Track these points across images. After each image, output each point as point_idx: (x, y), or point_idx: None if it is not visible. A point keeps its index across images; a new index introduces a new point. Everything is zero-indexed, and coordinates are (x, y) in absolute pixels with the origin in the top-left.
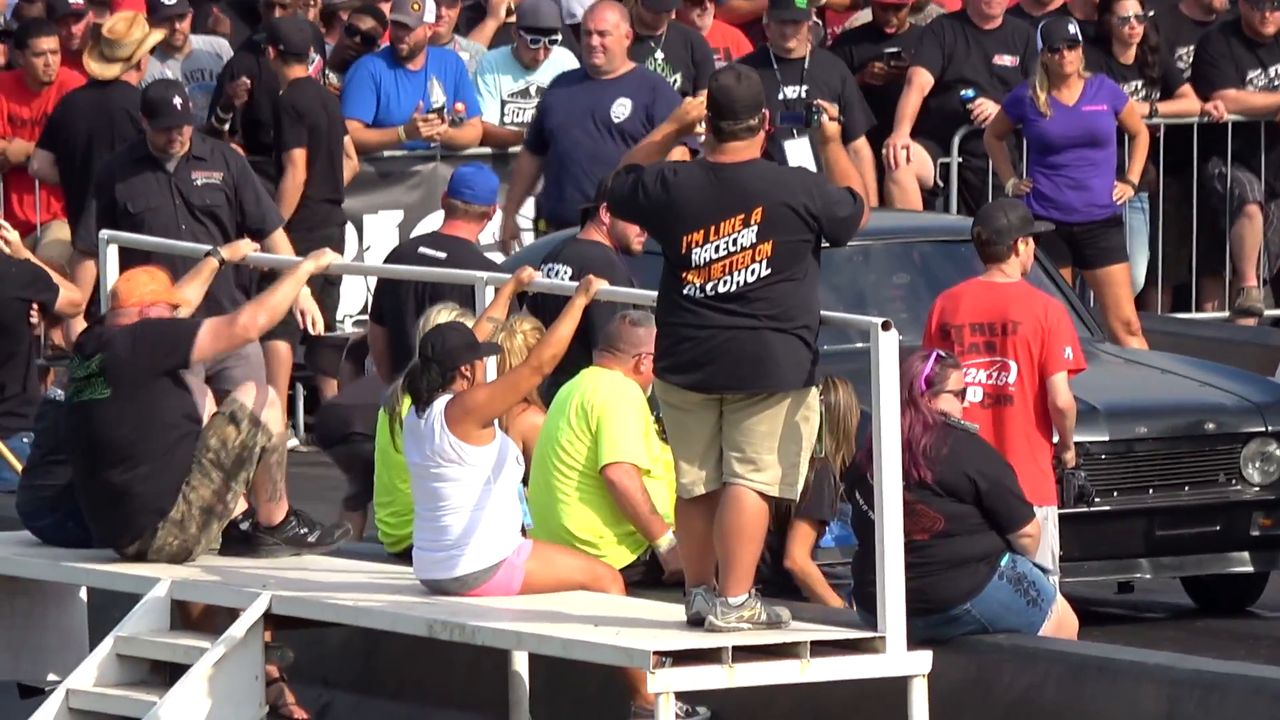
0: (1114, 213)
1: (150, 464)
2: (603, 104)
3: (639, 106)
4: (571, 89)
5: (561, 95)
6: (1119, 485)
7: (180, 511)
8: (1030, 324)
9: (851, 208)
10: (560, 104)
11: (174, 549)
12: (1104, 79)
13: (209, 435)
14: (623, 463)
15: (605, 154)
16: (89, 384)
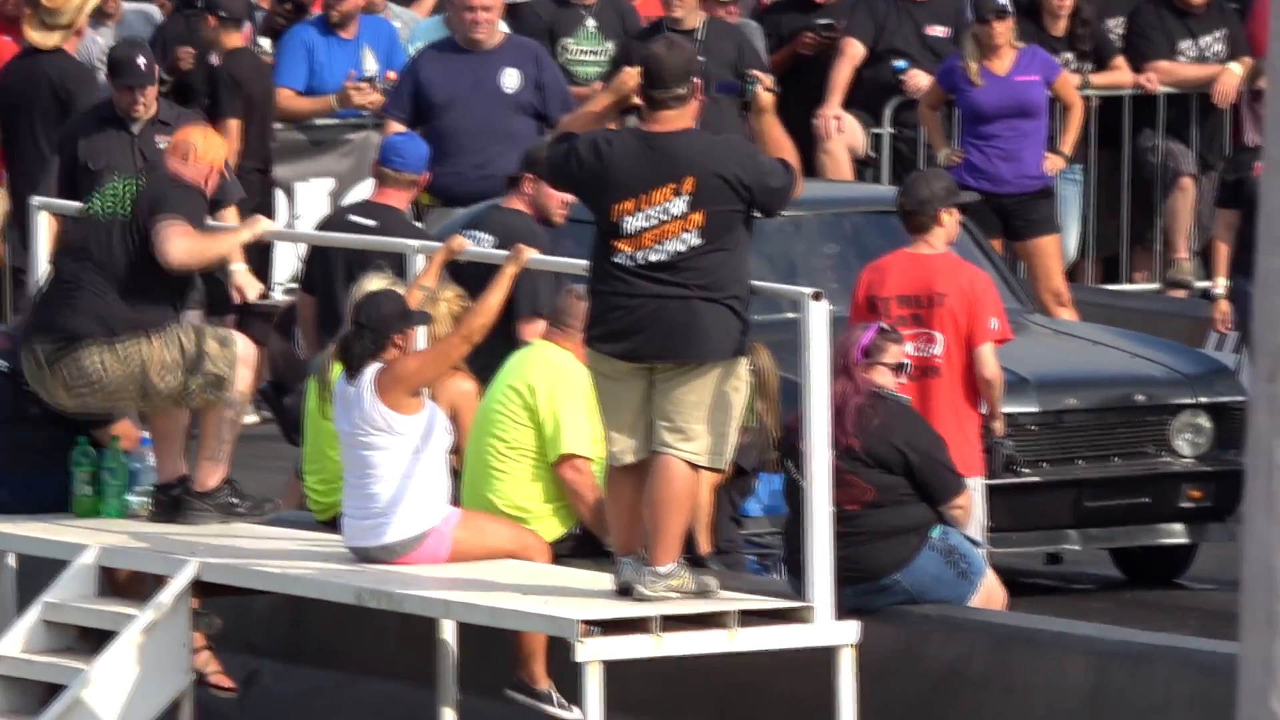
0: (1045, 184)
1: (132, 292)
2: (489, 77)
3: (527, 77)
4: (451, 62)
5: (441, 69)
6: (1048, 456)
7: (124, 351)
8: (956, 295)
9: (784, 178)
10: (442, 79)
11: (88, 380)
12: (1037, 50)
13: (201, 335)
14: (575, 457)
15: (498, 126)
16: (116, 199)
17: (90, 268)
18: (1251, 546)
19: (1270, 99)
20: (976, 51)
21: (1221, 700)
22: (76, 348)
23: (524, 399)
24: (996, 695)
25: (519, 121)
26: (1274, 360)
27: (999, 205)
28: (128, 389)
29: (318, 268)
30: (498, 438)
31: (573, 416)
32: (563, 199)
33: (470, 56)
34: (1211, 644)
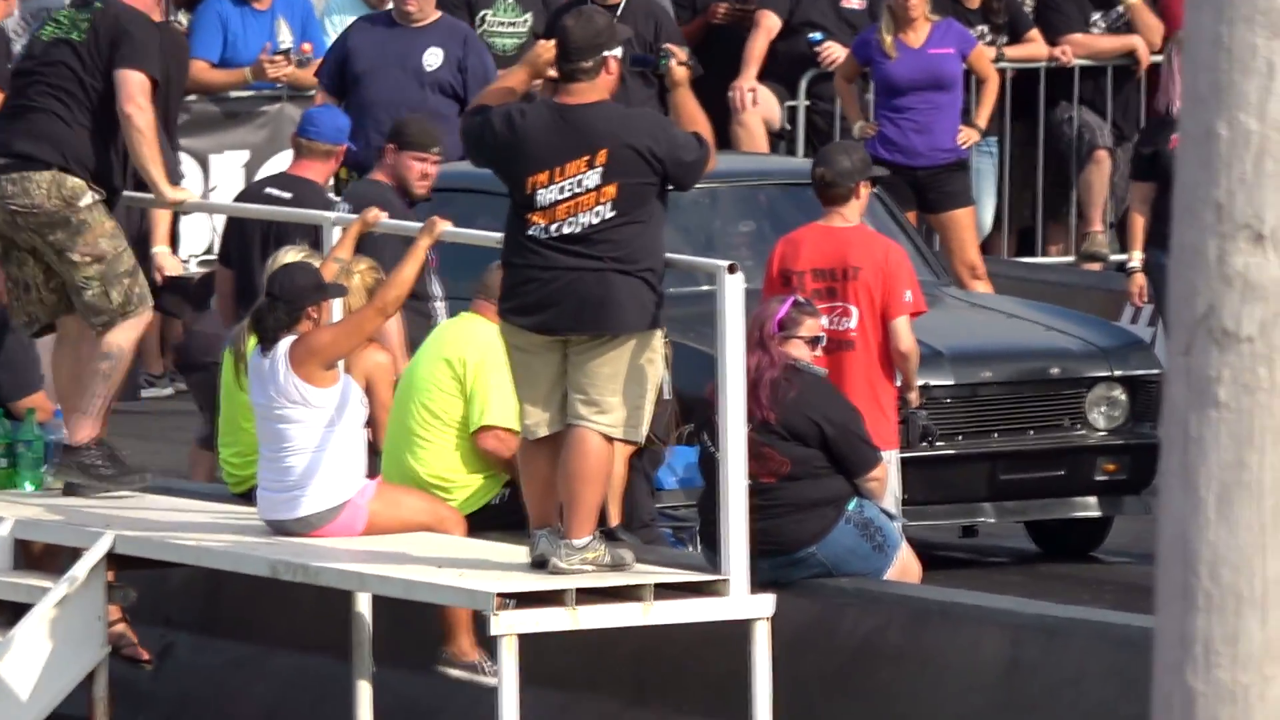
0: (959, 157)
1: (84, 121)
2: (414, 52)
3: (451, 57)
4: (379, 34)
5: (368, 40)
6: (963, 429)
7: (72, 189)
8: (870, 268)
9: (697, 152)
10: (367, 49)
11: (30, 202)
12: (952, 22)
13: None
14: (496, 428)
15: (412, 102)
16: (73, 25)
17: (45, 91)
18: (1167, 520)
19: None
20: (892, 24)
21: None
22: (25, 168)
23: (453, 369)
24: (912, 668)
25: (436, 100)
26: (1190, 333)
27: (913, 178)
28: (55, 229)
29: (235, 241)
30: (424, 406)
31: (496, 388)
32: (422, 170)
33: (399, 31)
34: (1126, 617)
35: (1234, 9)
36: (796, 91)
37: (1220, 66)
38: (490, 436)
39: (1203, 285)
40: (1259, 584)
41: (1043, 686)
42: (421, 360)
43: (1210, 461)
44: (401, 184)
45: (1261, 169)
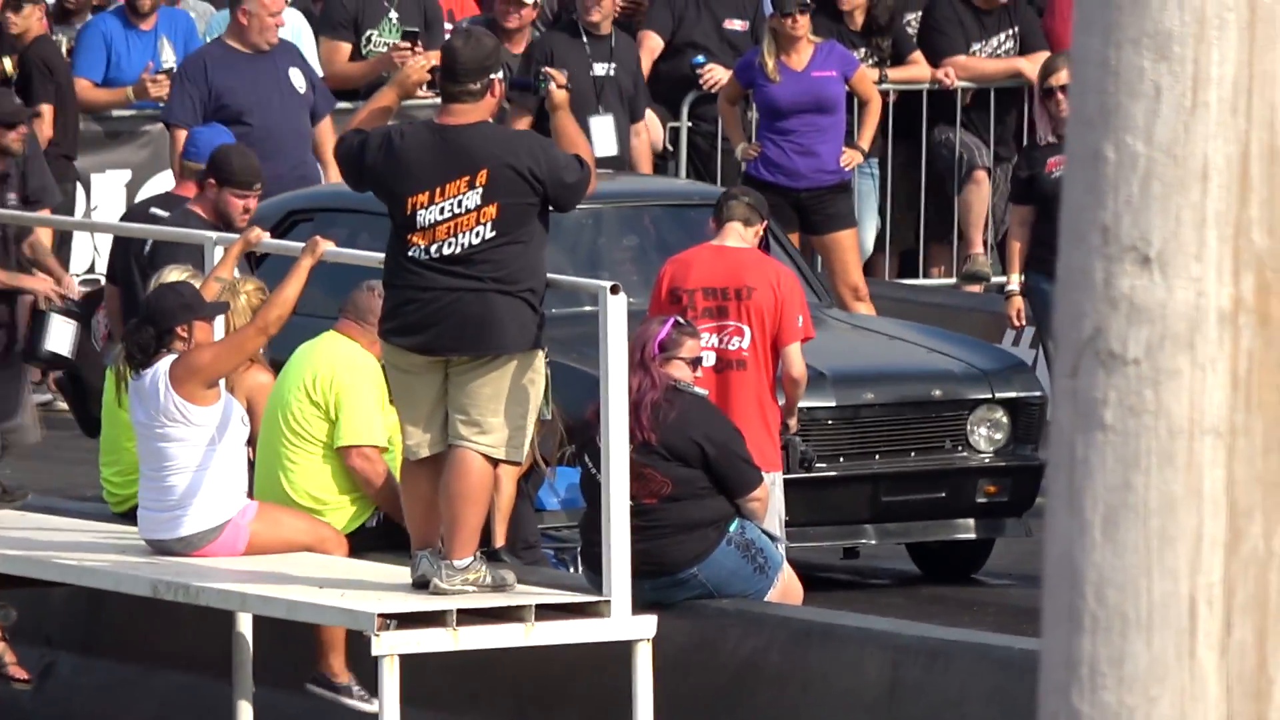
0: (842, 179)
1: None
2: (282, 77)
3: (305, 76)
4: (238, 64)
5: (233, 73)
6: (845, 451)
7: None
8: (764, 291)
9: (578, 174)
10: (241, 81)
11: None
12: (834, 45)
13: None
14: (361, 446)
15: (301, 126)
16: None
17: None
18: (1053, 542)
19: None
20: (774, 46)
21: (1018, 695)
22: None
23: (310, 390)
24: (794, 689)
25: (307, 121)
26: (1076, 356)
27: (796, 200)
28: None
29: (120, 259)
30: (288, 428)
31: (358, 407)
32: (244, 205)
33: (255, 59)
34: (1008, 639)
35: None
36: (679, 113)
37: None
38: (356, 455)
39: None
40: (1145, 606)
41: (924, 708)
42: (285, 381)
43: (1096, 483)
44: (223, 219)
45: (1148, 192)
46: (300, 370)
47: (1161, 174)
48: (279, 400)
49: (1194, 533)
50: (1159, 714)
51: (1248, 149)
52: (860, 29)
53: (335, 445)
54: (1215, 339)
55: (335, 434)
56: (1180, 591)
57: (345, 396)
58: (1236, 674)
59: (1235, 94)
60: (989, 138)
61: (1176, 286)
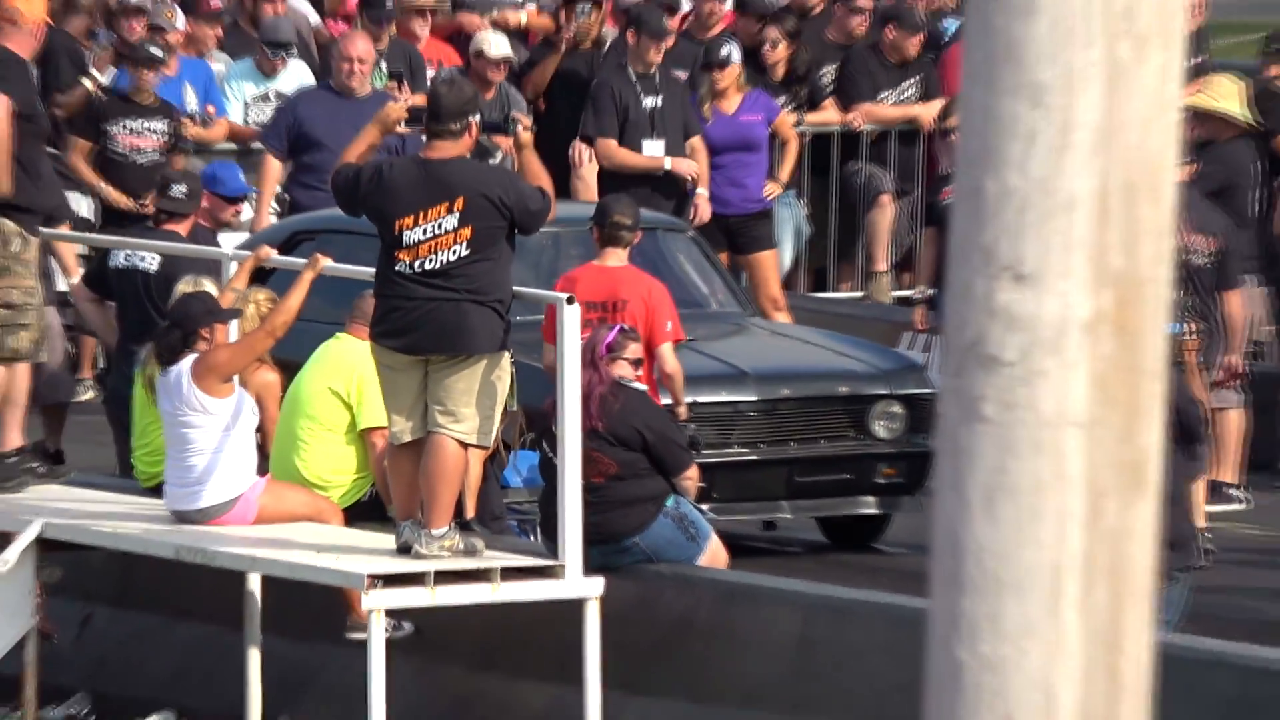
0: (765, 207)
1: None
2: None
3: None
4: (327, 105)
5: (319, 110)
6: (765, 439)
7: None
8: (636, 302)
9: (541, 203)
10: (321, 118)
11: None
12: (760, 93)
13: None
14: (381, 427)
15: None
16: None
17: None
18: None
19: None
20: (709, 94)
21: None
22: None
23: (334, 384)
24: (720, 641)
25: None
26: (960, 359)
27: (725, 224)
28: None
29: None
30: (308, 416)
31: (377, 395)
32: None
33: (344, 102)
34: (903, 599)
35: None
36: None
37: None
38: (377, 434)
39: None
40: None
41: (831, 658)
42: (306, 376)
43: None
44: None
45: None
46: (322, 366)
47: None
48: (300, 392)
49: (1059, 510)
50: (1029, 664)
51: (1108, 183)
52: (781, 79)
53: (359, 427)
54: (1078, 345)
55: (357, 418)
56: (1047, 560)
57: (366, 387)
58: (1094, 630)
59: (1098, 137)
60: (892, 171)
61: (1046, 300)
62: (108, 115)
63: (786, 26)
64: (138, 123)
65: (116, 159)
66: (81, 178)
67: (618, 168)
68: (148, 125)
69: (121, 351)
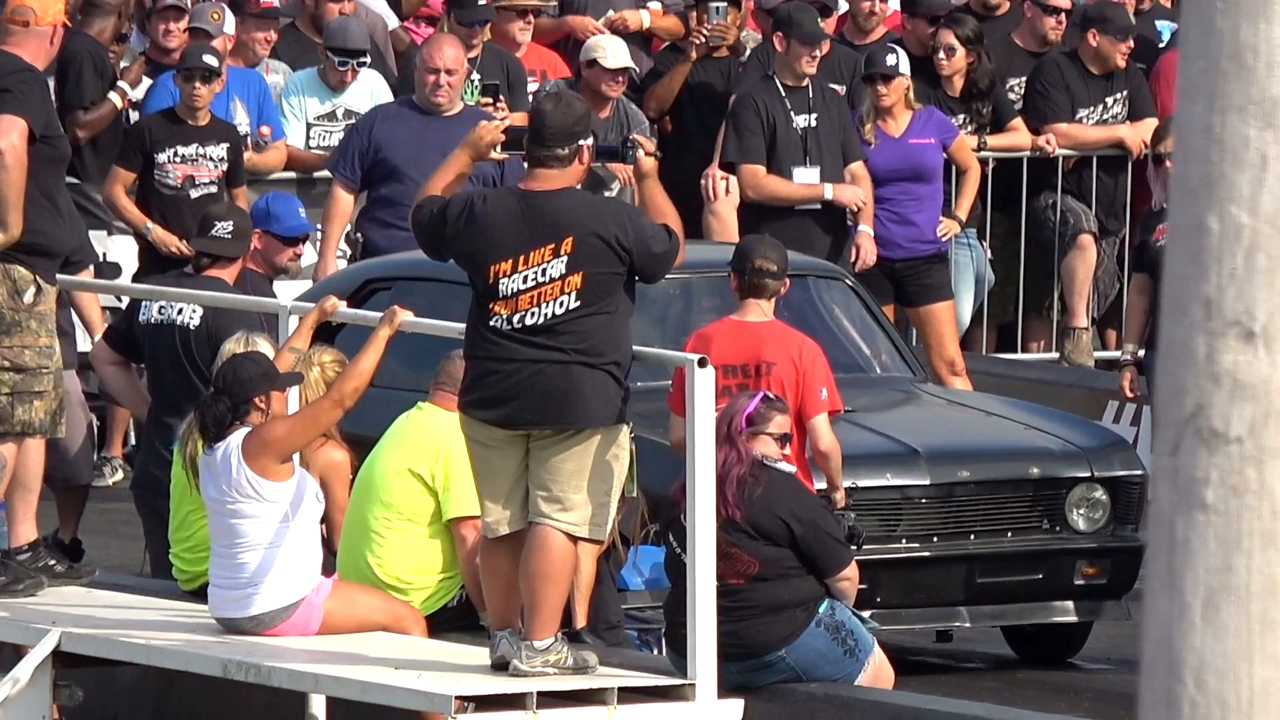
0: (939, 249)
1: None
2: (449, 143)
3: None
4: (407, 125)
5: (399, 131)
6: (939, 531)
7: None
8: (783, 364)
9: (667, 244)
10: (401, 141)
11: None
12: (933, 111)
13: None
14: (473, 517)
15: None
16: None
17: None
18: (1152, 625)
19: (1177, 164)
20: (872, 111)
21: None
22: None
23: (415, 464)
24: None
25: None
26: (1177, 433)
27: (891, 270)
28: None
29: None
30: (384, 503)
31: (467, 477)
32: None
33: (429, 121)
34: None
35: (1226, 99)
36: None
37: (1211, 158)
38: (468, 525)
39: (1191, 383)
40: (1245, 692)
41: None
42: (382, 455)
43: (1197, 565)
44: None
45: (1253, 264)
46: (400, 444)
47: (1267, 246)
48: (374, 474)
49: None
50: None
51: None
52: (960, 95)
53: (445, 517)
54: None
55: (443, 505)
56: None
57: (454, 468)
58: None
59: None
60: (1093, 204)
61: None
62: (155, 139)
63: (965, 30)
64: (191, 148)
65: (166, 192)
66: (123, 216)
67: (764, 199)
68: (203, 151)
69: (155, 425)
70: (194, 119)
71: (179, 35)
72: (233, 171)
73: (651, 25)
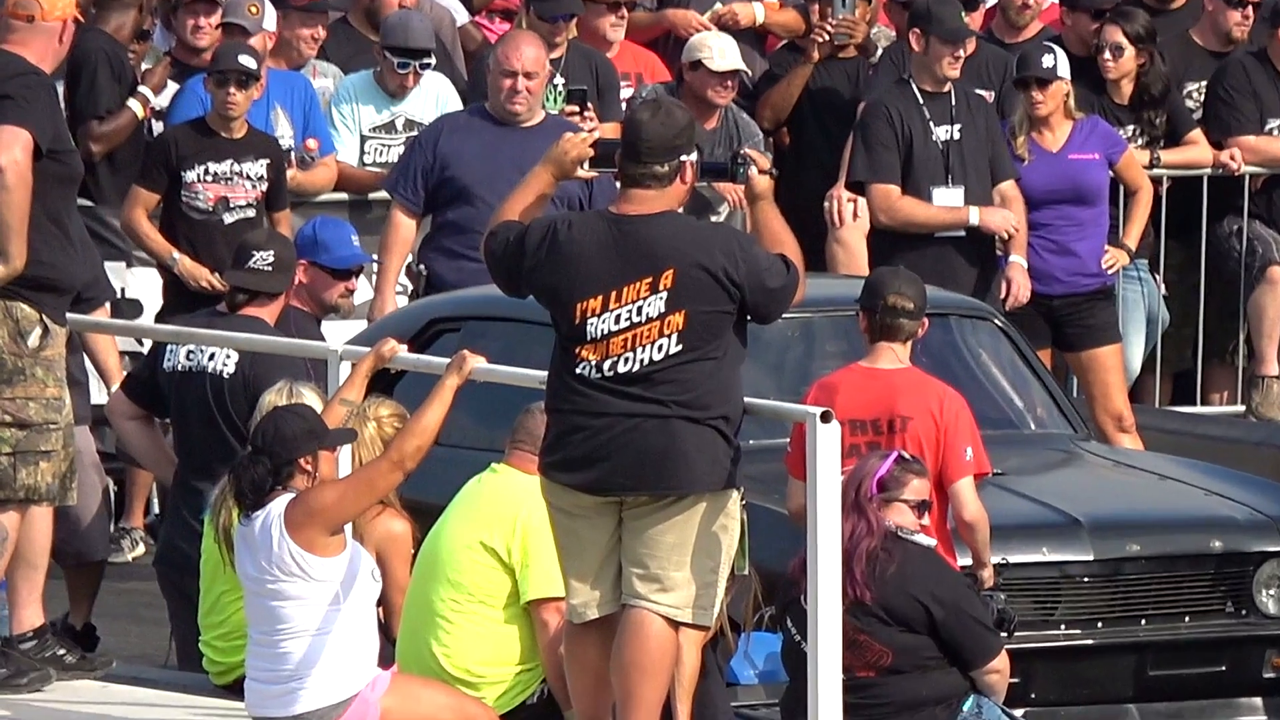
0: (1104, 283)
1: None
2: (528, 158)
3: None
4: (481, 137)
5: (470, 145)
6: (1105, 614)
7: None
8: (921, 419)
9: (784, 278)
10: (472, 156)
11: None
12: (1097, 121)
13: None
14: (554, 600)
15: None
16: None
17: None
18: None
19: None
20: (1026, 122)
21: None
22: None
23: (488, 536)
24: None
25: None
26: None
27: (1048, 308)
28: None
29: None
30: (452, 583)
31: (550, 552)
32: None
33: (505, 132)
34: None
35: None
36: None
37: None
38: (551, 608)
39: None
40: None
41: None
42: (449, 526)
43: None
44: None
45: None
46: (471, 513)
47: None
48: (439, 549)
49: None
50: None
51: None
52: (1129, 102)
53: (524, 599)
54: None
55: (521, 585)
56: None
57: (534, 541)
58: None
59: None
60: None
61: None
62: (183, 154)
63: (1135, 26)
64: (224, 165)
65: (195, 217)
66: (144, 245)
67: (899, 225)
68: (238, 168)
69: (182, 490)
70: (228, 130)
71: (211, 32)
72: (274, 192)
73: (766, 20)
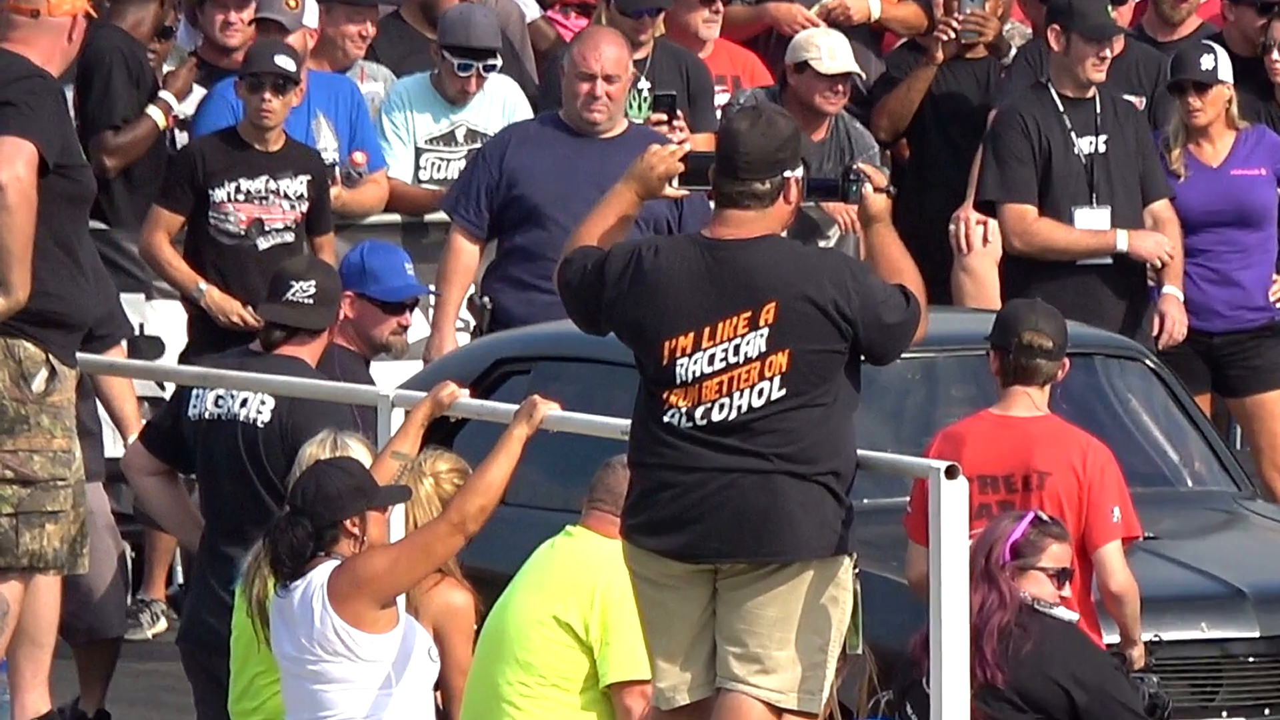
0: (1272, 318)
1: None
2: (608, 174)
3: None
4: (554, 150)
5: (541, 159)
6: (1273, 699)
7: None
8: (1061, 474)
9: (903, 312)
10: (544, 172)
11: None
12: (1264, 131)
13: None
14: (639, 683)
15: None
16: None
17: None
18: None
19: None
20: (1182, 132)
21: None
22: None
23: (562, 610)
24: None
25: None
26: None
27: (1208, 347)
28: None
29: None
30: (521, 663)
31: (634, 628)
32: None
33: (582, 144)
34: None
35: None
36: None
37: None
38: (636, 692)
39: None
40: None
41: None
42: (517, 598)
43: None
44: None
45: None
46: (542, 582)
47: None
48: (506, 625)
49: None
50: None
51: None
52: None
53: (604, 681)
54: None
55: (600, 665)
56: None
57: (614, 615)
58: None
59: None
60: None
61: None
62: (211, 170)
63: None
64: (259, 182)
65: (225, 241)
66: (166, 274)
67: (1035, 251)
68: (275, 186)
69: (210, 557)
70: (263, 142)
71: (243, 29)
72: (315, 214)
73: (883, 16)
